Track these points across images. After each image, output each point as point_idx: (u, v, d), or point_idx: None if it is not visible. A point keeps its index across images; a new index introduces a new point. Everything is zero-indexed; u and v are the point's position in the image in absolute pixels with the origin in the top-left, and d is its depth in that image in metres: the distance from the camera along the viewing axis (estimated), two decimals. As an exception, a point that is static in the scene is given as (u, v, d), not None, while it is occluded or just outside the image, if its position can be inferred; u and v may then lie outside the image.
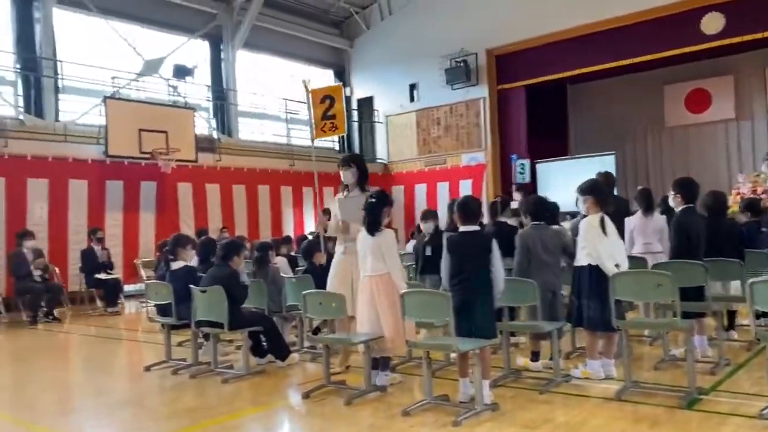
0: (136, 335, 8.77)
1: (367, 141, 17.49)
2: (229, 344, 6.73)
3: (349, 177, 5.23)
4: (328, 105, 6.39)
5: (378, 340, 4.68)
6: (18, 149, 10.57)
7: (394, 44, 16.47)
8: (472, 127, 15.36)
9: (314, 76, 17.84)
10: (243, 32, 14.93)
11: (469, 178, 15.16)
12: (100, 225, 11.25)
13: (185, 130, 12.57)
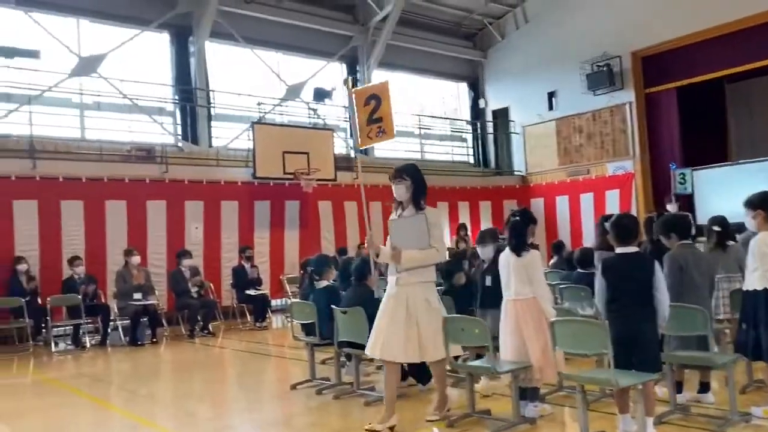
0: (283, 350, 9.05)
1: (503, 153, 17.18)
2: (370, 363, 6.72)
3: (402, 192, 4.43)
4: (374, 106, 5.30)
5: (525, 368, 4.46)
6: (176, 174, 11.43)
7: (530, 52, 16.04)
8: (618, 134, 14.55)
9: (448, 90, 17.81)
10: (378, 52, 15.19)
11: (615, 188, 14.37)
12: (250, 243, 11.85)
13: (325, 150, 12.96)
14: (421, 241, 4.33)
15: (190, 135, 12.54)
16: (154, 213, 11.04)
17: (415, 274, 4.37)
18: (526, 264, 4.53)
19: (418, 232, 4.34)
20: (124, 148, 11.48)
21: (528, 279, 4.52)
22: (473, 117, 17.64)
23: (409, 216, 4.42)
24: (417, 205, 4.43)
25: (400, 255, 4.38)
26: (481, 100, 17.50)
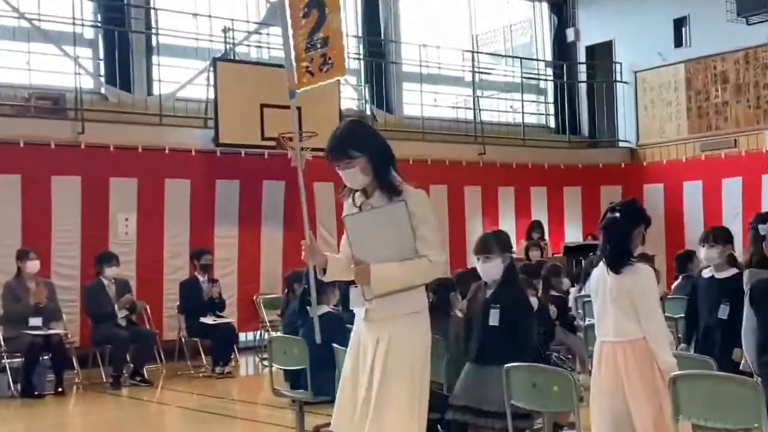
0: (256, 411, 9.14)
1: (602, 112, 17.09)
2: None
3: (355, 176, 4.15)
4: (316, 20, 4.66)
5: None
6: (98, 136, 11.51)
7: (647, -44, 15.97)
8: (784, 87, 14.51)
9: (520, 13, 17.75)
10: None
11: (779, 170, 14.28)
12: (207, 245, 11.94)
13: (326, 104, 12.96)
14: (402, 247, 4.03)
15: (119, 77, 12.64)
16: (63, 195, 11.15)
17: (395, 302, 4.07)
18: (630, 287, 4.51)
19: (395, 231, 4.04)
20: (19, 95, 11.58)
21: (634, 310, 4.49)
22: (557, 56, 17.55)
23: (378, 207, 4.12)
24: (388, 187, 4.12)
25: (369, 272, 4.03)
26: (569, 29, 17.40)
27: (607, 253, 4.61)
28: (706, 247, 6.32)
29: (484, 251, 5.32)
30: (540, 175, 15.58)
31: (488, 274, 5.34)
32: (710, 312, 6.18)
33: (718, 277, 6.25)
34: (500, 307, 5.24)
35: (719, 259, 6.24)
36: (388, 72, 15.38)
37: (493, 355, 5.16)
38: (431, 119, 15.28)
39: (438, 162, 14.49)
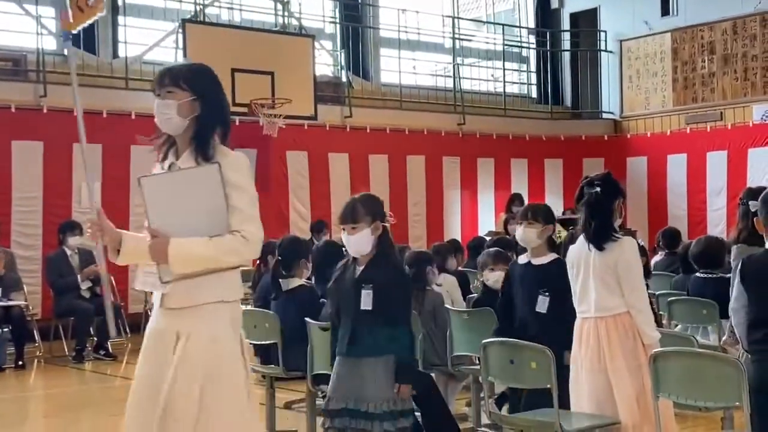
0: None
1: (586, 82, 17.15)
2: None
3: (169, 110, 3.54)
4: None
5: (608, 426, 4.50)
6: (60, 99, 11.37)
7: None
8: (773, 57, 14.61)
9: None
10: None
11: (765, 144, 14.38)
12: (174, 214, 11.88)
13: (300, 69, 12.92)
14: (212, 220, 3.46)
15: (83, 38, 12.48)
16: (24, 160, 11.08)
17: (199, 287, 3.47)
18: (615, 260, 4.56)
19: (203, 200, 3.46)
20: (-22, 55, 11.47)
21: (617, 285, 4.55)
22: (540, 23, 17.56)
23: (186, 169, 3.53)
24: (201, 147, 3.52)
25: (166, 247, 3.42)
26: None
27: (592, 230, 4.63)
28: (523, 225, 5.26)
29: (349, 220, 4.66)
30: (521, 146, 15.63)
31: (356, 247, 4.67)
32: (527, 304, 5.28)
33: (535, 263, 5.29)
34: (373, 287, 4.56)
35: (538, 240, 5.24)
36: (365, 37, 15.32)
37: (367, 345, 4.57)
38: (409, 87, 15.25)
39: (416, 131, 14.49)
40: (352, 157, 13.92)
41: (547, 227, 5.28)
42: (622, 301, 4.56)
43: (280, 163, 13.21)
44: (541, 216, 5.29)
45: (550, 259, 5.27)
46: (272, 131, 12.44)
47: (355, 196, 4.88)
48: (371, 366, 4.54)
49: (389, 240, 4.75)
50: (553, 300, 5.12)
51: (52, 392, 8.83)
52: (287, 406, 7.20)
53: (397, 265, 4.85)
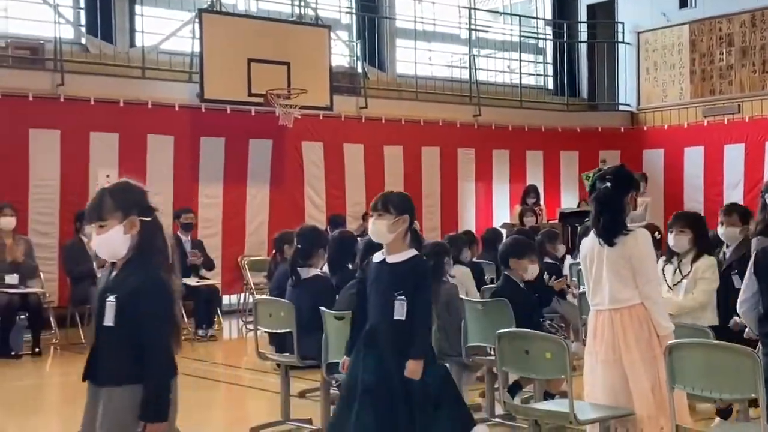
0: (239, 375, 9.21)
1: (603, 74, 17.05)
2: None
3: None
4: None
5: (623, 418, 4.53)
6: (77, 88, 11.46)
7: None
8: (793, 50, 14.56)
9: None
10: None
11: (783, 137, 14.35)
12: (191, 204, 11.94)
13: (316, 60, 12.93)
14: None
15: (100, 27, 12.54)
16: (42, 149, 11.11)
17: None
18: (628, 253, 4.59)
19: None
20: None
21: (631, 276, 4.58)
22: (557, 15, 17.49)
23: None
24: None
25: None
26: (570, -16, 17.32)
27: (601, 225, 4.66)
28: (373, 217, 4.68)
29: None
30: (537, 138, 15.58)
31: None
32: (379, 309, 4.64)
33: (390, 261, 4.64)
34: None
35: (389, 234, 4.58)
36: (381, 28, 15.29)
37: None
38: (425, 78, 15.22)
39: (431, 123, 14.48)
40: (367, 148, 13.91)
41: (399, 218, 4.57)
42: (636, 292, 4.58)
43: (295, 153, 13.22)
44: (393, 206, 4.61)
45: (408, 256, 4.61)
46: (288, 122, 12.46)
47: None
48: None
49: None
50: (410, 305, 4.51)
51: (67, 379, 8.86)
52: (302, 395, 7.23)
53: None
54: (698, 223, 6.09)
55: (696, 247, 5.96)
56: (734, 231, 6.44)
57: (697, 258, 5.94)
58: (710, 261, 5.94)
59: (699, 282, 5.89)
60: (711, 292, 5.91)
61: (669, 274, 5.98)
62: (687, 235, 5.95)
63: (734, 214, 6.52)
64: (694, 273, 5.91)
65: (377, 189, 13.50)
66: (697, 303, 5.87)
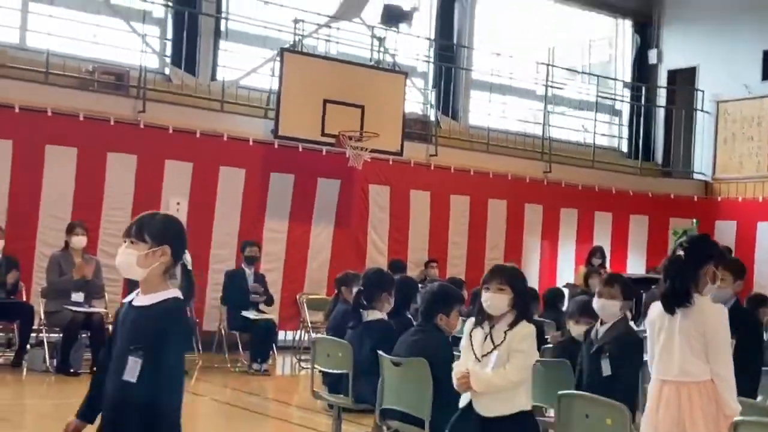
0: (290, 412, 9.19)
1: (679, 140, 16.92)
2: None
3: None
4: None
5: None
6: (158, 116, 11.70)
7: (743, -18, 15.81)
8: None
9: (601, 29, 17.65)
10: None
11: None
12: (256, 237, 12.06)
13: (390, 105, 13.04)
14: None
15: (184, 59, 12.83)
16: (118, 172, 11.35)
17: None
18: (702, 326, 4.49)
19: None
20: (84, 67, 11.82)
21: (703, 350, 4.49)
22: (636, 77, 17.42)
23: None
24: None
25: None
26: (652, 51, 17.28)
27: (665, 291, 4.59)
28: (125, 244, 3.63)
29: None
30: (606, 199, 15.44)
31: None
32: (116, 362, 3.52)
33: (136, 304, 3.59)
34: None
35: (139, 269, 3.54)
36: (457, 78, 15.39)
37: None
38: (497, 131, 15.24)
39: (500, 175, 14.45)
40: (434, 196, 13.93)
41: (158, 249, 3.53)
42: (707, 367, 4.48)
43: (362, 195, 13.29)
44: (149, 232, 3.55)
45: (162, 298, 3.53)
46: (357, 163, 12.56)
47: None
48: None
49: None
50: (147, 360, 3.38)
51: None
52: (354, 438, 7.21)
53: None
54: (519, 281, 4.86)
55: (514, 309, 4.77)
56: (613, 305, 5.62)
57: (513, 324, 4.74)
58: (529, 330, 4.78)
59: (513, 355, 4.71)
60: (526, 369, 4.78)
61: (477, 342, 4.81)
62: (506, 295, 4.74)
63: (616, 285, 5.70)
64: (509, 343, 4.71)
65: (441, 237, 13.80)
66: (508, 381, 4.70)
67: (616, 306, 5.61)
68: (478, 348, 4.78)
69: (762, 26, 15.53)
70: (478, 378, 4.70)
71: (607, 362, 5.41)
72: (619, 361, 5.41)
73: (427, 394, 5.41)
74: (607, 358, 5.43)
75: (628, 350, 5.49)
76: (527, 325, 4.75)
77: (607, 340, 5.55)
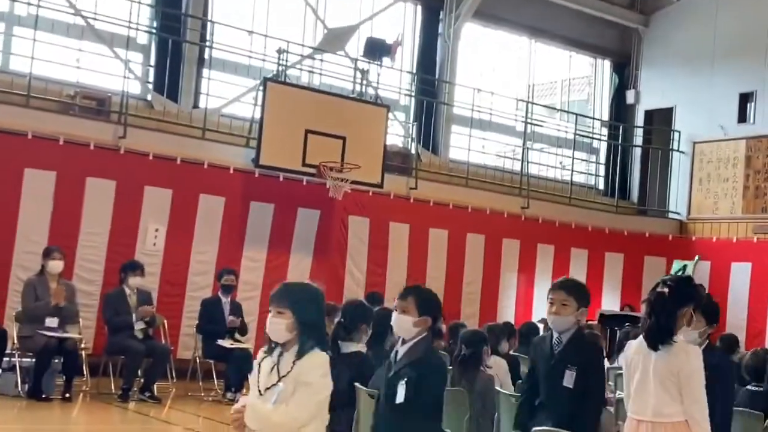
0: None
1: (655, 180, 17.08)
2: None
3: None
4: None
5: None
6: (138, 142, 11.68)
7: (718, 24, 16.01)
8: None
9: (580, 68, 17.87)
10: (476, -6, 15.36)
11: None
12: (234, 265, 12.01)
13: (372, 137, 13.08)
14: None
15: (167, 85, 12.84)
16: (96, 197, 11.29)
17: None
18: (677, 368, 4.48)
19: None
20: (66, 91, 11.81)
21: (678, 392, 4.48)
22: (614, 117, 17.59)
23: None
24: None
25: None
26: (630, 91, 17.48)
27: (648, 328, 4.58)
28: None
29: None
30: (583, 236, 15.53)
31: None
32: None
33: None
34: None
35: None
36: (438, 112, 15.48)
37: None
38: (477, 165, 15.33)
39: (479, 210, 14.51)
40: (413, 229, 13.95)
41: None
42: (681, 408, 4.47)
43: (341, 226, 13.29)
44: None
45: None
46: (337, 194, 12.57)
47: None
48: None
49: None
50: None
51: (94, 428, 8.90)
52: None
53: None
54: (302, 304, 4.08)
55: (302, 335, 4.02)
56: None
57: (302, 353, 4.00)
58: (320, 359, 4.01)
59: (299, 389, 3.94)
60: (315, 405, 3.98)
61: (264, 372, 4.08)
62: (284, 319, 4.02)
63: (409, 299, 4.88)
64: (297, 375, 3.96)
65: (419, 270, 13.80)
66: (291, 419, 3.92)
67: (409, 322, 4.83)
68: (264, 379, 4.05)
69: (738, 70, 15.72)
70: (255, 414, 3.93)
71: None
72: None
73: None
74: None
75: None
76: (319, 354, 4.01)
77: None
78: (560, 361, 5.14)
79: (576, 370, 5.03)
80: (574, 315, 5.16)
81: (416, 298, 4.83)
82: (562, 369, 5.08)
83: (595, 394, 5.21)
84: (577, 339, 5.20)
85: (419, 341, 4.78)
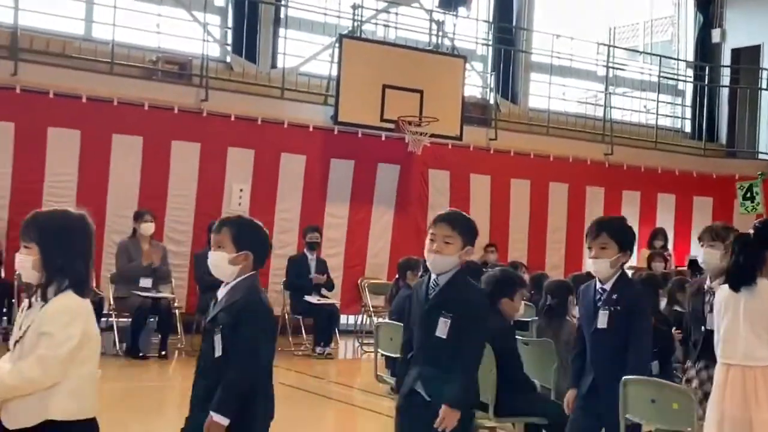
0: (352, 395, 9.30)
1: (744, 120, 16.67)
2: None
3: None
4: None
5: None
6: (220, 104, 11.85)
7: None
8: None
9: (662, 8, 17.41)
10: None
11: None
12: (318, 222, 12.17)
13: (449, 90, 13.03)
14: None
15: (245, 47, 12.96)
16: (181, 160, 11.55)
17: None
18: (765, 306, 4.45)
19: None
20: (148, 56, 12.05)
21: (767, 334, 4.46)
22: (699, 57, 17.15)
23: None
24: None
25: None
26: (715, 30, 16.99)
27: (730, 269, 4.57)
28: None
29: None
30: (670, 181, 15.24)
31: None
32: None
33: None
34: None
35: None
36: (516, 61, 15.31)
37: None
38: (557, 113, 15.15)
39: (561, 158, 14.36)
40: (494, 180, 13.91)
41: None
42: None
43: (421, 180, 13.32)
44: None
45: None
46: (417, 149, 12.59)
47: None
48: None
49: None
50: None
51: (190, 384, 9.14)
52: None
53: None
54: (50, 233, 3.41)
55: (47, 274, 3.37)
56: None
57: (45, 297, 3.36)
58: (64, 303, 3.32)
59: (39, 341, 3.27)
60: (58, 361, 3.24)
61: (18, 322, 3.46)
62: (32, 255, 3.40)
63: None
64: (39, 324, 3.29)
65: (502, 221, 13.76)
66: (25, 380, 3.25)
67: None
68: (16, 331, 3.41)
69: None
70: None
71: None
72: None
73: (489, 378, 5.45)
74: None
75: None
76: (67, 297, 3.32)
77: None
78: (434, 307, 4.35)
79: (451, 318, 4.29)
80: (458, 254, 4.34)
81: (231, 230, 4.13)
82: (436, 317, 4.33)
83: (473, 344, 4.39)
84: (456, 282, 4.37)
85: (241, 282, 4.10)
